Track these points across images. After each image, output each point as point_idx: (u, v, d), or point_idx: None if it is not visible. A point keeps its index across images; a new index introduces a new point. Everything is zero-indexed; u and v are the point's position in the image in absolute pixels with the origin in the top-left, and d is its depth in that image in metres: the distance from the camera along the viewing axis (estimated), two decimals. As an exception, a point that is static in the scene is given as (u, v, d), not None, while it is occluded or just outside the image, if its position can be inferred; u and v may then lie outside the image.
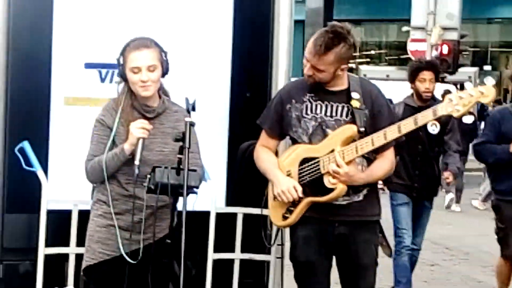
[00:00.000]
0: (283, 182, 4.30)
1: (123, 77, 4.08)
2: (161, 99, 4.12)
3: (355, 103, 4.26)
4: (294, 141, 4.42)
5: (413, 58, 18.21)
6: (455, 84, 21.53)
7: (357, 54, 31.17)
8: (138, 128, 3.99)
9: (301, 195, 4.26)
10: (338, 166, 4.15)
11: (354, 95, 4.29)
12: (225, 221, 5.03)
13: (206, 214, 4.82)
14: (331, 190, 4.20)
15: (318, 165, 4.24)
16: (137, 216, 4.06)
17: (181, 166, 3.90)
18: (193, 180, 3.93)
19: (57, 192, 4.80)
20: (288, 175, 4.34)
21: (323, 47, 4.13)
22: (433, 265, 9.18)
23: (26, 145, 4.75)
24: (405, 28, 21.54)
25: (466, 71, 22.97)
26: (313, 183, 4.27)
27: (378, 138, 4.17)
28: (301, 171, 4.32)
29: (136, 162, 3.95)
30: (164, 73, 4.14)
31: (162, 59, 4.11)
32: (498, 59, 28.48)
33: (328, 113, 4.31)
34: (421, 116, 4.21)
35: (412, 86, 6.89)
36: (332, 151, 4.21)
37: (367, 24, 28.38)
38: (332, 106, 4.31)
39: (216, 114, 5.20)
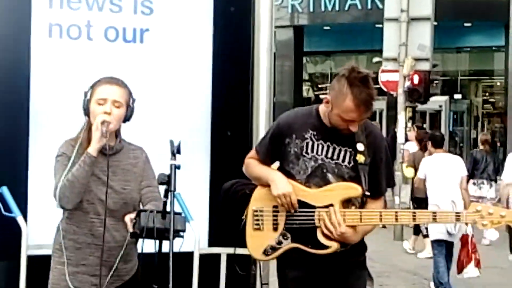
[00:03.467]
0: (282, 186, 4.11)
1: (86, 110, 4.02)
2: (117, 138, 4.07)
3: (360, 158, 4.09)
4: (288, 174, 4.23)
5: (384, 89, 18.43)
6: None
7: (328, 85, 31.41)
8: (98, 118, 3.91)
9: (296, 204, 4.08)
10: (334, 224, 4.01)
11: (359, 146, 4.11)
12: (208, 262, 4.99)
13: (189, 255, 4.78)
14: (322, 244, 4.07)
15: (313, 216, 4.09)
16: (102, 259, 3.94)
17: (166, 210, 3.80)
18: (179, 223, 3.86)
19: (38, 237, 4.72)
20: (275, 211, 4.19)
21: (369, 98, 3.92)
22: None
23: (4, 190, 4.70)
24: (376, 59, 21.59)
25: (437, 100, 23.18)
26: (303, 230, 4.12)
27: (387, 218, 4.06)
28: (290, 214, 4.15)
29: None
30: (127, 118, 4.08)
31: (128, 102, 4.06)
32: (468, 87, 28.72)
33: (329, 155, 4.12)
34: (442, 215, 4.19)
35: None
36: (330, 205, 4.06)
37: (337, 55, 28.50)
38: (334, 148, 4.13)
39: (197, 154, 5.17)
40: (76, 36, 5.04)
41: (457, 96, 27.52)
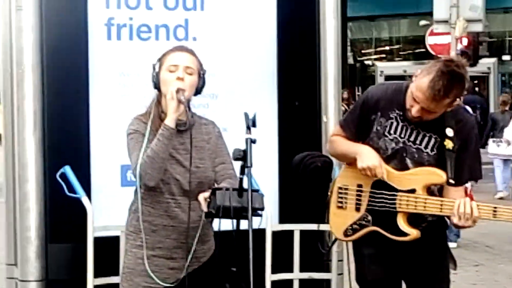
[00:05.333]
0: (369, 158, 3.95)
1: (156, 83, 3.85)
2: (188, 112, 3.85)
3: (448, 143, 3.93)
4: None
5: (432, 52, 18.18)
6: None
7: (373, 50, 31.13)
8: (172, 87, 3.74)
9: (385, 175, 3.93)
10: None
11: (449, 132, 3.94)
12: (280, 239, 4.86)
13: (260, 232, 4.54)
14: (402, 231, 3.95)
15: (394, 200, 3.95)
16: (178, 240, 3.84)
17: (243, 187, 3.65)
18: (257, 201, 3.67)
19: (102, 218, 4.67)
20: (359, 190, 4.07)
21: (442, 93, 3.77)
22: (477, 265, 8.93)
23: (67, 170, 4.60)
24: (422, 22, 21.36)
25: (485, 62, 22.83)
26: (383, 214, 3.98)
27: (479, 210, 3.84)
28: (373, 195, 4.03)
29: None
30: (198, 89, 3.90)
31: (200, 71, 3.89)
32: (516, 48, 28.30)
33: (412, 139, 3.97)
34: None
35: None
36: (413, 191, 3.91)
37: (381, 19, 28.19)
38: (418, 132, 3.97)
39: (264, 126, 4.82)
40: (134, 6, 4.94)
41: (506, 57, 27.07)
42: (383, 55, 31.46)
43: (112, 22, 4.87)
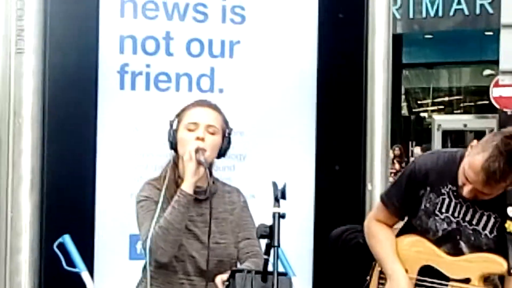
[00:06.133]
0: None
1: (172, 143, 3.77)
2: (210, 177, 3.74)
3: (510, 226, 3.79)
4: (415, 231, 3.98)
5: (496, 105, 18.01)
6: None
7: (430, 101, 31.05)
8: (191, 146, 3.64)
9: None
10: None
11: (511, 211, 3.79)
12: None
13: None
14: None
15: None
16: None
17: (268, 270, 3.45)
18: (284, 287, 3.49)
19: None
20: None
21: (497, 176, 3.62)
22: None
23: (67, 240, 4.51)
24: (487, 72, 21.25)
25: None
26: None
27: None
28: (421, 283, 3.90)
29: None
30: (222, 151, 3.79)
31: (225, 129, 3.79)
32: None
33: (468, 219, 3.82)
34: None
35: None
36: (467, 280, 3.78)
37: (440, 67, 28.16)
38: (475, 211, 3.82)
39: (298, 194, 4.88)
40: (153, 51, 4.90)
41: None
42: (441, 107, 31.39)
43: (126, 69, 4.83)
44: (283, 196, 3.54)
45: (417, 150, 18.35)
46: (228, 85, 4.92)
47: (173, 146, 3.75)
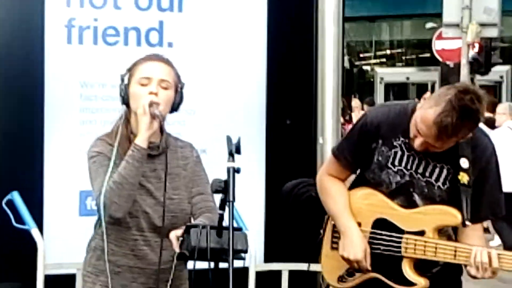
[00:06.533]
0: (356, 246, 3.86)
1: (124, 98, 3.72)
2: (163, 134, 3.75)
3: (463, 177, 3.77)
4: (368, 184, 3.95)
5: (439, 58, 18.17)
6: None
7: (372, 54, 31.24)
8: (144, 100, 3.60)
9: (369, 267, 3.87)
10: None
11: (463, 162, 3.78)
12: (266, 280, 4.82)
13: (243, 271, 4.53)
14: (407, 280, 3.81)
15: (400, 243, 3.81)
16: (147, 285, 3.72)
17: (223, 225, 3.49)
18: (239, 242, 3.51)
19: (56, 254, 4.59)
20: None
21: (449, 131, 3.60)
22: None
23: (15, 196, 4.50)
24: (429, 25, 21.36)
25: (498, 70, 22.86)
26: (386, 258, 3.84)
27: (500, 260, 3.66)
28: (374, 235, 3.89)
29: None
30: (174, 107, 3.76)
31: (177, 84, 3.76)
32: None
33: (420, 171, 3.81)
34: None
35: None
36: (422, 233, 3.78)
37: (382, 20, 28.27)
38: (428, 163, 3.80)
39: (249, 149, 4.77)
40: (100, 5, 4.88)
41: (520, 64, 27.23)
42: (384, 60, 31.58)
43: (73, 23, 4.80)
44: (238, 151, 3.54)
45: (355, 103, 18.50)
46: (178, 39, 4.90)
47: (125, 101, 3.70)
